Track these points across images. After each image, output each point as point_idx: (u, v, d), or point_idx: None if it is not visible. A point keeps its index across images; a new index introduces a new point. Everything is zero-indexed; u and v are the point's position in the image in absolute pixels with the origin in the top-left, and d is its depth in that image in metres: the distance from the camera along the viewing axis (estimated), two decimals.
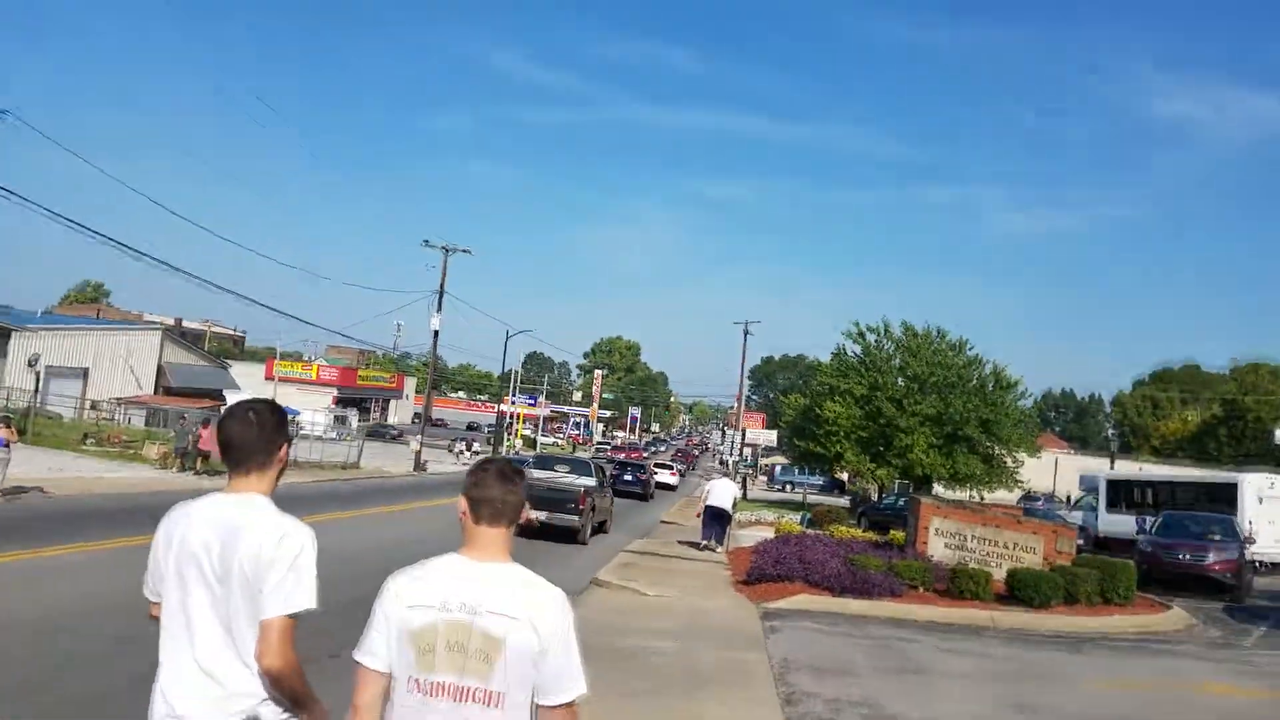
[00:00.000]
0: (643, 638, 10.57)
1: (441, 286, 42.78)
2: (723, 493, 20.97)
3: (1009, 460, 37.76)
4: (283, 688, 2.62)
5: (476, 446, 58.75)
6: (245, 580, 2.62)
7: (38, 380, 28.86)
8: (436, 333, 43.35)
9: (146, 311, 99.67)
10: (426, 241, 43.81)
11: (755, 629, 11.85)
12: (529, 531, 19.48)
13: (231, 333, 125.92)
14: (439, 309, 42.33)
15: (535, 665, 2.42)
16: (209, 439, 26.58)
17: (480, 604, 2.42)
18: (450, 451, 55.52)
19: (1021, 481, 38.94)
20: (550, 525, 19.81)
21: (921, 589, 15.33)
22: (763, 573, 15.54)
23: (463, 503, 2.60)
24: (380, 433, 70.83)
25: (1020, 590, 14.76)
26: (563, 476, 22.47)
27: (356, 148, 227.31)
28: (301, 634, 2.68)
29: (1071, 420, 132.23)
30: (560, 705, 2.47)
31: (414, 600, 2.45)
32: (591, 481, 22.32)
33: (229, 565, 2.64)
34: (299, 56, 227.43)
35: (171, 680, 2.68)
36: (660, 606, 13.01)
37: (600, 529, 22.76)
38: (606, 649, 9.46)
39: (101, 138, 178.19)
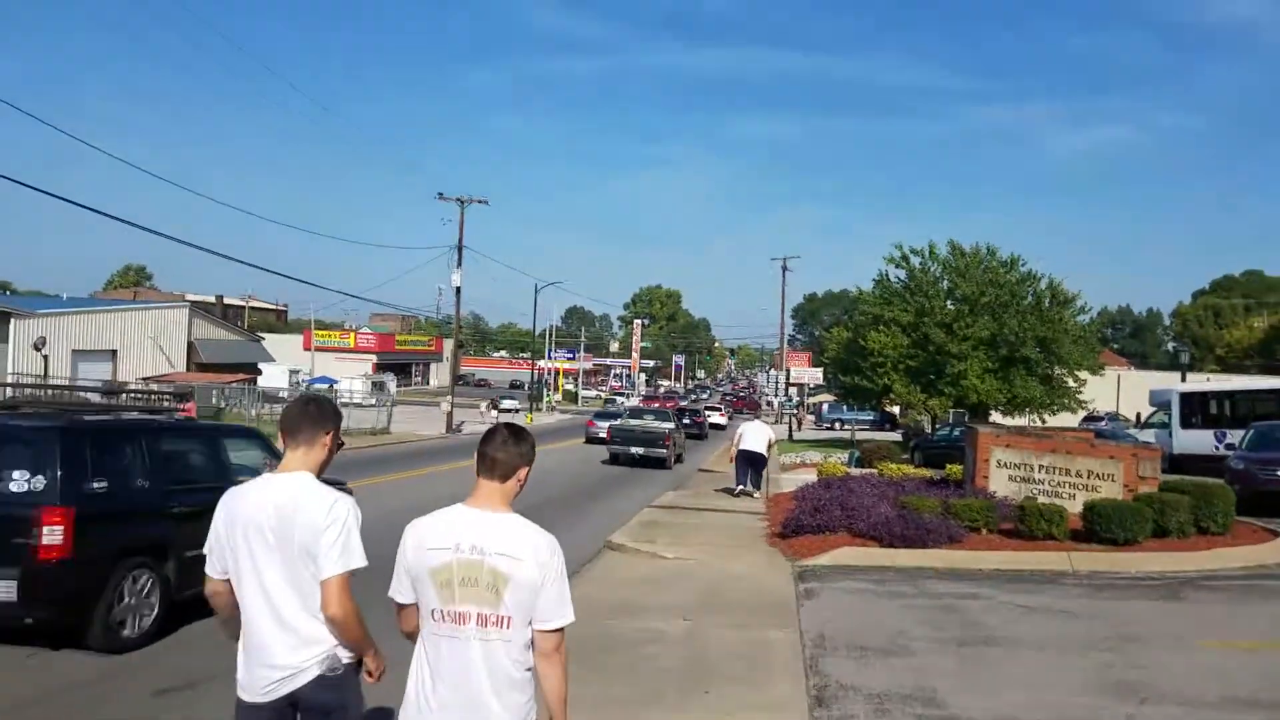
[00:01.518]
0: (647, 617, 8.76)
1: (460, 241, 40.89)
2: (755, 436, 19.31)
3: (1070, 381, 35.31)
4: (345, 634, 3.12)
5: (510, 404, 57.08)
6: (303, 547, 3.08)
7: (46, 364, 27.79)
8: (459, 289, 41.58)
9: (190, 292, 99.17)
10: (441, 194, 41.81)
11: (787, 595, 9.99)
12: (632, 461, 27.52)
13: (274, 306, 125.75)
14: (459, 264, 40.54)
15: (535, 595, 2.84)
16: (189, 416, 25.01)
17: (488, 546, 2.84)
18: (479, 411, 53.55)
19: (1085, 402, 36.44)
20: (647, 457, 27.79)
21: (985, 531, 13.42)
22: (800, 524, 13.67)
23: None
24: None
25: (1101, 525, 12.74)
26: (651, 423, 30.15)
27: (386, 108, 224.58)
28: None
29: (1129, 336, 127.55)
30: (553, 630, 2.89)
31: (431, 544, 2.88)
32: (671, 425, 30.26)
33: (289, 535, 3.09)
34: (325, 17, 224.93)
35: (256, 633, 3.13)
36: (678, 572, 11.19)
37: (679, 459, 29.91)
38: (597, 637, 7.67)
39: (127, 116, 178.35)
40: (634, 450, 27.87)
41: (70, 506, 6.82)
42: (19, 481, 6.85)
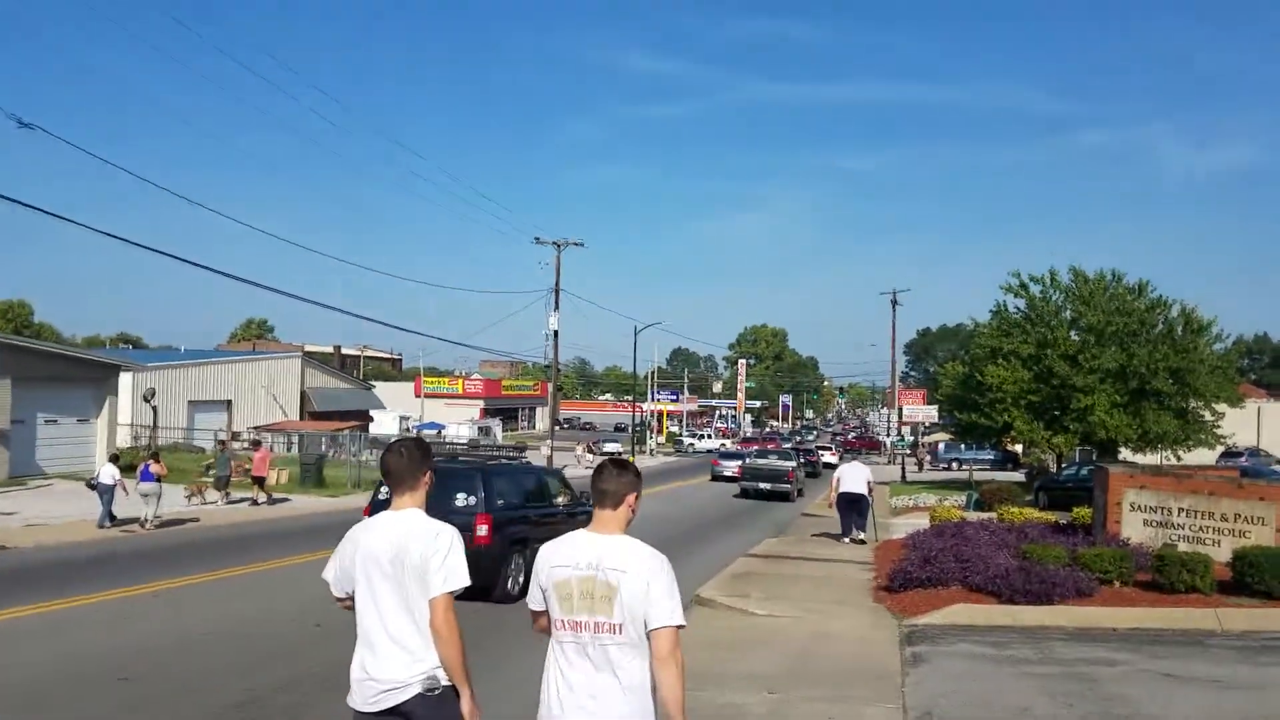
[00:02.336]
0: (728, 689, 7.81)
1: (557, 284, 40.94)
2: (854, 477, 18.35)
3: (1207, 414, 32.63)
4: (446, 648, 3.43)
5: (612, 447, 56.38)
6: (415, 571, 3.47)
7: (155, 414, 28.69)
8: (556, 332, 41.54)
9: (309, 343, 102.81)
10: (537, 239, 42.01)
11: (890, 661, 8.91)
12: (762, 494, 31.42)
13: (388, 355, 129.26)
14: (555, 307, 40.53)
15: (643, 602, 3.19)
16: (262, 463, 24.69)
17: (603, 562, 3.25)
18: (574, 455, 51.88)
19: (1223, 437, 33.64)
20: (773, 491, 31.52)
21: (1118, 583, 12.06)
22: (908, 576, 12.52)
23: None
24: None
25: (1253, 576, 11.31)
26: (776, 462, 34.46)
27: (486, 163, 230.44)
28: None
29: (1267, 366, 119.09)
30: (660, 627, 3.18)
31: (556, 562, 3.35)
32: (793, 464, 34.55)
33: (403, 562, 3.49)
34: (419, 80, 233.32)
35: (368, 650, 3.53)
36: (769, 632, 10.22)
37: (799, 493, 33.12)
38: None
39: (255, 180, 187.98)
40: (762, 485, 31.76)
41: (489, 514, 11.77)
42: (463, 499, 11.76)
